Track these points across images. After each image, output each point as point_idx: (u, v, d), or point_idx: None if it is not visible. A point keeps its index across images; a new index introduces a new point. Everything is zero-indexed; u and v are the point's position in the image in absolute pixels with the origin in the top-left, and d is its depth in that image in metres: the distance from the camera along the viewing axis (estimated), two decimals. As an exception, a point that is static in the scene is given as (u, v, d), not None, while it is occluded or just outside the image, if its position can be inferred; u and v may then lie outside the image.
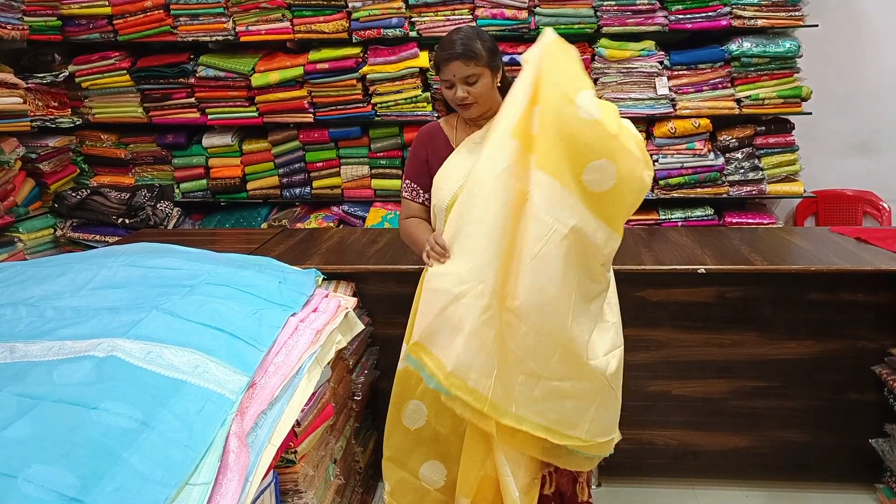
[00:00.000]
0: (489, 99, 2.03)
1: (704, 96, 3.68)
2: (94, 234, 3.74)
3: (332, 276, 2.62)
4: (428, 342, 1.85)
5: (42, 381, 1.46)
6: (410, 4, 3.66)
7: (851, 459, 2.70)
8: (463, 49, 1.95)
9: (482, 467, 1.97)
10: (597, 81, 3.71)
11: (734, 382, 2.69)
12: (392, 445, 2.14)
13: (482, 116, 2.08)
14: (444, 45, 1.99)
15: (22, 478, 1.18)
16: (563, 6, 3.60)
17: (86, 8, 3.78)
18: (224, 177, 3.97)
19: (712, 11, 3.57)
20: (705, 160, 3.72)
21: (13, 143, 3.42)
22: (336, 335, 2.12)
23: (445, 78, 1.99)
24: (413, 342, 1.88)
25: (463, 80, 1.97)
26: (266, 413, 1.66)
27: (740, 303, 2.61)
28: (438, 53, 2.01)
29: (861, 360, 2.61)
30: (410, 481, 2.14)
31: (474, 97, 1.99)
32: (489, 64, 1.98)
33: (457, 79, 1.97)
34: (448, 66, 1.97)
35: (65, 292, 1.93)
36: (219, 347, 1.69)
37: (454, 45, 1.97)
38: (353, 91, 3.75)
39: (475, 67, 1.95)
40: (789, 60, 3.62)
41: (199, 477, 1.35)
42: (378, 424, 2.83)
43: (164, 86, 3.86)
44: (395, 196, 3.95)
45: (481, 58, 1.96)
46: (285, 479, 1.87)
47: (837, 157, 4.16)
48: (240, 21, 3.75)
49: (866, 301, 2.58)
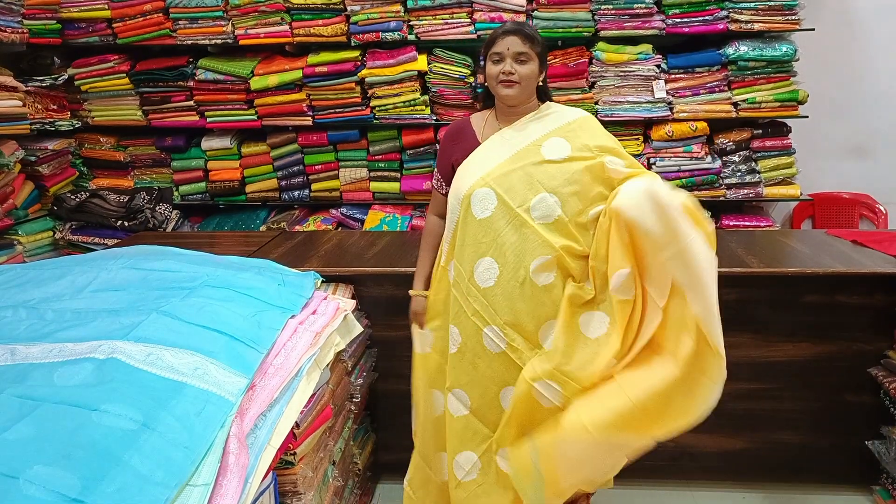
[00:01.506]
0: (529, 88, 2.06)
1: (701, 100, 3.70)
2: (94, 237, 3.74)
3: (330, 278, 2.63)
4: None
5: (43, 382, 1.47)
6: (409, 8, 3.68)
7: (848, 461, 2.71)
8: (525, 29, 2.04)
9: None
10: (594, 85, 3.73)
11: (731, 384, 2.66)
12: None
13: (517, 108, 2.10)
14: (504, 25, 2.09)
15: (23, 479, 1.19)
16: (560, 10, 3.61)
17: (85, 11, 3.79)
18: (223, 179, 3.98)
19: (709, 15, 3.59)
20: (702, 163, 3.73)
21: (12, 145, 3.43)
22: (335, 337, 2.13)
23: (498, 51, 2.03)
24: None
25: (515, 56, 2.01)
26: (265, 415, 1.67)
27: (737, 305, 2.62)
28: (496, 30, 2.07)
29: (857, 362, 2.62)
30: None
31: (520, 77, 2.02)
32: (540, 55, 2.05)
33: (510, 53, 2.01)
34: (504, 39, 2.02)
35: (65, 295, 1.94)
36: (218, 349, 1.70)
37: (517, 24, 2.08)
38: (352, 94, 3.76)
39: (529, 49, 2.01)
40: (786, 64, 3.63)
41: (199, 478, 1.36)
42: (377, 426, 2.83)
43: (163, 89, 3.87)
44: (394, 199, 3.96)
45: (537, 43, 2.03)
46: (284, 481, 1.87)
47: (834, 160, 4.18)
48: (239, 24, 3.76)
49: (862, 304, 2.59)
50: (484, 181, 2.01)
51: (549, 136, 2.05)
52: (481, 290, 2.02)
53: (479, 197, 2.02)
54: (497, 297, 2.00)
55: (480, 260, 2.02)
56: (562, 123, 2.08)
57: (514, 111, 2.10)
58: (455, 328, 2.09)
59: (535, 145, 2.04)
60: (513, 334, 2.01)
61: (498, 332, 2.01)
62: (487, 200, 2.01)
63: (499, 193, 2.00)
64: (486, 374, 2.05)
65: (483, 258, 2.02)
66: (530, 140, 2.06)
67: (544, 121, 2.10)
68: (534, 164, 2.01)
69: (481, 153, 2.09)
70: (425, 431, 2.27)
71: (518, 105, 2.09)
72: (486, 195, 2.01)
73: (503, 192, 1.99)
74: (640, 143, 3.77)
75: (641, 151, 3.76)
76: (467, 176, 2.06)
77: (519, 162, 2.02)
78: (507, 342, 2.01)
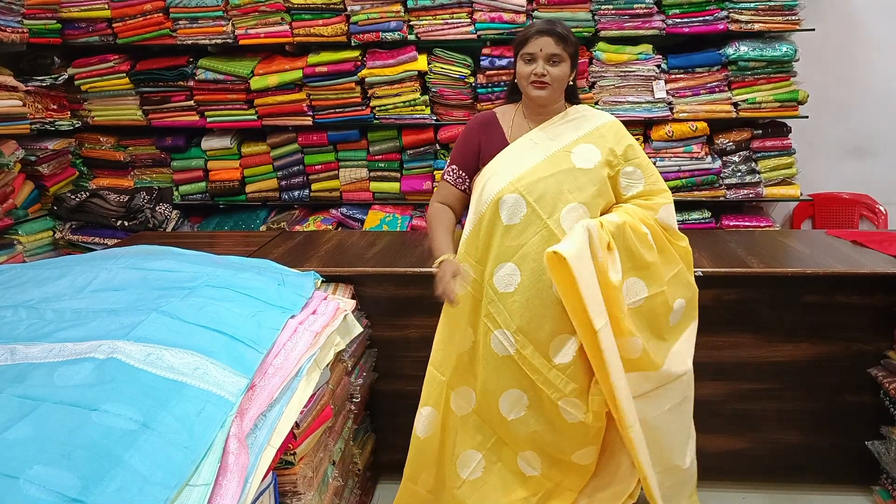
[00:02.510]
0: (560, 90, 2.06)
1: (702, 100, 3.70)
2: (93, 237, 3.74)
3: (330, 278, 2.63)
4: None
5: (43, 382, 1.47)
6: (409, 8, 3.68)
7: (847, 461, 2.71)
8: (558, 28, 2.01)
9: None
10: (594, 85, 3.73)
11: (731, 385, 2.70)
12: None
13: (545, 108, 2.09)
14: (537, 24, 2.05)
15: (23, 479, 1.19)
16: (560, 10, 3.61)
17: (85, 11, 3.79)
18: (223, 179, 3.98)
19: (709, 15, 3.59)
20: (702, 163, 3.73)
21: (13, 145, 3.43)
22: (335, 337, 2.13)
23: (530, 51, 2.00)
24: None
25: (548, 57, 1.99)
26: (265, 415, 1.67)
27: (737, 305, 2.62)
28: (529, 28, 2.04)
29: (857, 362, 2.61)
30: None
31: (552, 79, 2.00)
32: (572, 55, 2.03)
33: (542, 54, 1.99)
34: (538, 40, 1.99)
35: (65, 294, 1.94)
36: (218, 349, 1.70)
37: (551, 23, 2.03)
38: (352, 94, 3.76)
39: (562, 50, 2.00)
40: (786, 64, 3.63)
41: (199, 478, 1.36)
42: (376, 426, 2.83)
43: (163, 89, 3.87)
44: (394, 199, 3.96)
45: (570, 44, 2.02)
46: (284, 481, 1.87)
47: (834, 160, 4.18)
48: (239, 24, 3.76)
49: (862, 304, 2.59)
50: (514, 187, 1.99)
51: (580, 141, 2.05)
52: (499, 294, 2.02)
53: (508, 203, 1.99)
54: (515, 303, 2.00)
55: (503, 265, 2.01)
56: (591, 128, 2.07)
57: (544, 111, 2.09)
58: (469, 328, 2.10)
59: (565, 151, 2.03)
60: (524, 341, 2.01)
61: (509, 337, 2.02)
62: (517, 207, 1.99)
63: (529, 202, 1.99)
64: (491, 375, 2.07)
65: (506, 263, 2.01)
66: (561, 145, 2.04)
67: (574, 124, 2.08)
68: (564, 171, 2.01)
69: (510, 155, 2.06)
70: (458, 365, 2.14)
71: (547, 105, 2.08)
72: (517, 202, 1.99)
73: (534, 201, 1.98)
74: (641, 143, 3.77)
75: (641, 152, 3.76)
76: (496, 178, 2.03)
77: (550, 169, 2.01)
78: (517, 348, 2.02)
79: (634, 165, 2.06)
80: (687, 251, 2.15)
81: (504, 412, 2.10)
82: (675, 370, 2.10)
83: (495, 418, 2.11)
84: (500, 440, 2.16)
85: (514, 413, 2.10)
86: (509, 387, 2.07)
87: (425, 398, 2.18)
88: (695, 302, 2.18)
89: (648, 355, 2.04)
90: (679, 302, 2.11)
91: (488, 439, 2.15)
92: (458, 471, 2.17)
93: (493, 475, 2.17)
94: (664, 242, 2.08)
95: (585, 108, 2.15)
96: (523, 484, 2.18)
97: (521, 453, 2.16)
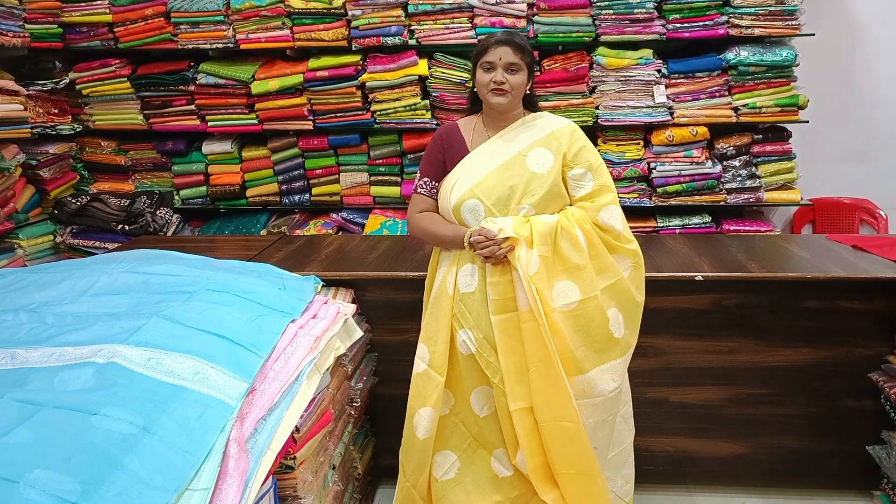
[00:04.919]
0: (518, 97, 2.12)
1: (702, 104, 3.70)
2: (94, 241, 3.74)
3: (331, 282, 2.63)
4: None
5: (43, 387, 1.47)
6: (410, 13, 3.69)
7: (848, 466, 2.70)
8: (517, 39, 2.09)
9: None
10: (595, 90, 3.74)
11: (731, 389, 2.70)
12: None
13: (505, 115, 2.15)
14: (496, 35, 2.12)
15: (24, 482, 1.19)
16: (561, 15, 3.62)
17: (87, 16, 3.80)
18: (223, 183, 3.98)
19: (709, 20, 3.60)
20: (703, 168, 3.74)
21: (13, 149, 3.44)
22: (335, 341, 2.14)
23: (490, 60, 2.08)
24: None
25: (506, 66, 2.06)
26: (265, 419, 1.67)
27: (737, 310, 2.62)
28: (488, 38, 2.12)
29: (857, 367, 2.61)
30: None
31: (511, 86, 2.07)
32: (529, 65, 2.10)
33: (501, 62, 2.06)
34: (496, 49, 2.07)
35: (65, 299, 1.94)
36: (219, 354, 1.70)
37: (509, 34, 2.11)
38: (353, 99, 3.77)
39: (520, 59, 2.07)
40: (786, 69, 3.64)
41: (199, 482, 1.36)
42: (377, 430, 2.83)
43: (164, 93, 3.88)
44: (394, 203, 3.96)
45: (527, 54, 2.09)
46: (284, 485, 1.87)
47: (834, 165, 4.18)
48: (240, 29, 3.77)
49: (863, 309, 2.59)
50: (472, 192, 2.08)
51: (535, 146, 2.12)
52: (461, 295, 2.11)
53: (468, 208, 2.09)
54: (474, 303, 2.10)
55: (465, 265, 2.11)
56: (547, 133, 2.14)
57: (503, 118, 2.17)
58: (447, 329, 2.16)
59: (521, 156, 2.11)
60: (482, 341, 2.10)
61: (470, 336, 2.10)
62: (476, 211, 2.08)
63: (487, 206, 2.07)
64: (462, 374, 2.14)
65: (467, 264, 2.11)
66: (517, 150, 2.12)
67: (531, 130, 2.16)
68: (519, 175, 2.08)
69: (470, 162, 2.14)
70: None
71: (506, 112, 2.15)
72: (476, 206, 2.08)
73: (491, 205, 2.07)
74: (641, 147, 3.78)
75: (642, 156, 3.76)
76: (458, 185, 2.11)
77: (505, 173, 2.09)
78: (477, 347, 2.10)
79: (585, 168, 2.11)
80: (636, 253, 2.14)
81: (476, 410, 2.16)
82: (601, 387, 2.08)
83: (469, 417, 2.17)
84: (475, 442, 2.19)
85: (486, 410, 2.16)
86: (478, 384, 2.14)
87: (424, 399, 2.18)
88: (636, 320, 2.15)
89: (576, 360, 2.05)
90: (613, 311, 2.08)
91: (464, 440, 2.19)
92: (433, 469, 2.21)
93: (468, 478, 2.20)
94: (600, 248, 2.08)
95: (543, 115, 2.22)
96: (497, 489, 2.19)
97: (495, 451, 2.18)
